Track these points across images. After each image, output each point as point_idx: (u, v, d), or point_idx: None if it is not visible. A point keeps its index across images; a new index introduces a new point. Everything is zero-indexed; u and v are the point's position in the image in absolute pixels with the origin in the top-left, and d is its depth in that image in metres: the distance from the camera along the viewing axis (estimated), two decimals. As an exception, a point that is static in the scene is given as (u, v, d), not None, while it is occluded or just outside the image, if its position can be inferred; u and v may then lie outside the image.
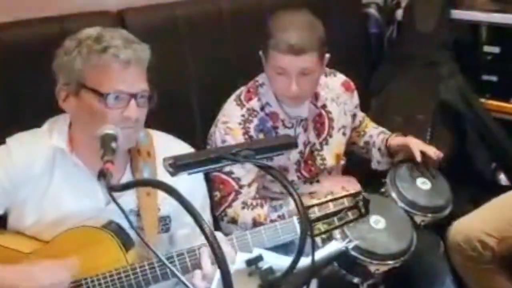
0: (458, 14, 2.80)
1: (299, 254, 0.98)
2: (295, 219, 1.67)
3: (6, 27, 2.07)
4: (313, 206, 1.69)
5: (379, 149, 2.23)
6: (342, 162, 2.21)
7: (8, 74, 2.01)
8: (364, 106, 2.67)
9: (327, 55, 1.98)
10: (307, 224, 0.99)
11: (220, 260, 0.82)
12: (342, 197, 1.70)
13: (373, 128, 2.33)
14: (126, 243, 1.62)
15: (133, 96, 1.56)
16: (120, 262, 1.58)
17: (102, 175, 1.26)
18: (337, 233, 1.79)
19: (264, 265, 1.03)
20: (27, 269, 1.51)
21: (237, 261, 1.04)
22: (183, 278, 0.96)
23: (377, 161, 2.24)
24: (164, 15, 2.36)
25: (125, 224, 1.62)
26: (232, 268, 1.02)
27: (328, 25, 2.60)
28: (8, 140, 1.66)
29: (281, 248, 1.63)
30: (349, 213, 1.69)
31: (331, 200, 1.69)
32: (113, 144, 1.41)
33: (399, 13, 2.91)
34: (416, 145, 2.12)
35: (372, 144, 2.27)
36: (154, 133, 1.81)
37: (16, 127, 1.73)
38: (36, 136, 1.67)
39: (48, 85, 1.87)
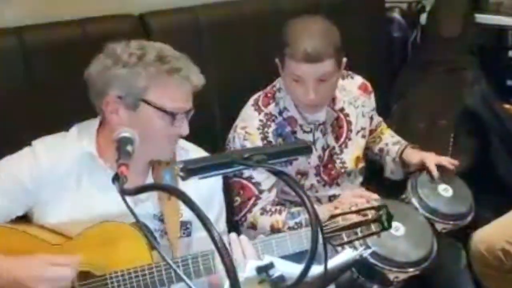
0: (483, 18, 2.77)
1: (310, 262, 0.97)
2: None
3: (29, 30, 2.09)
4: (337, 215, 1.67)
5: (393, 160, 2.22)
6: (362, 164, 2.19)
7: (30, 77, 2.02)
8: (386, 111, 2.67)
9: (344, 60, 1.97)
10: (318, 232, 0.97)
11: (228, 268, 0.81)
12: (366, 209, 1.68)
13: (389, 136, 2.31)
14: (151, 242, 1.62)
15: (187, 112, 1.64)
16: (145, 260, 1.59)
17: (116, 178, 1.25)
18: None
19: (275, 273, 1.02)
20: (27, 260, 1.51)
21: (247, 269, 1.03)
22: (188, 281, 0.95)
23: (391, 171, 2.23)
24: (186, 18, 2.36)
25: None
26: (242, 276, 1.00)
27: (351, 29, 2.61)
28: (34, 142, 1.68)
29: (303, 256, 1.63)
30: (372, 226, 1.67)
31: (355, 212, 1.68)
32: (129, 148, 1.41)
33: (423, 17, 2.88)
34: (431, 161, 2.11)
35: (386, 153, 2.26)
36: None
37: (39, 129, 1.74)
38: (63, 139, 1.69)
39: (70, 88, 1.90)
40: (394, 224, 1.88)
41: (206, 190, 1.73)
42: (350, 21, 2.63)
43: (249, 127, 1.99)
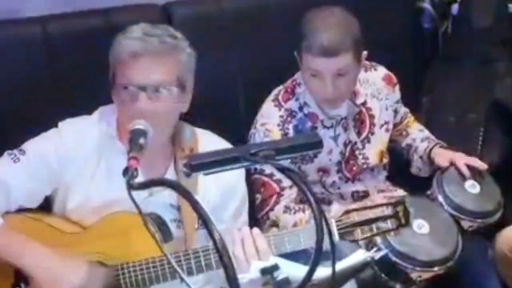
0: (517, 8, 2.67)
1: (315, 264, 0.93)
2: (333, 221, 1.62)
3: (53, 20, 2.09)
4: (352, 211, 1.63)
5: (421, 158, 2.15)
6: (386, 159, 2.13)
7: (55, 67, 2.03)
8: (416, 105, 2.60)
9: (365, 53, 1.91)
10: (323, 233, 0.93)
11: (228, 269, 0.78)
12: (382, 205, 1.64)
13: (417, 131, 2.24)
14: (166, 235, 1.62)
15: (142, 88, 1.57)
16: (158, 252, 1.56)
17: (125, 172, 1.23)
18: (378, 238, 1.74)
19: (280, 275, 0.99)
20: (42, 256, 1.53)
21: (251, 270, 1.00)
22: (184, 276, 0.93)
23: (418, 168, 2.16)
24: (211, 8, 2.34)
25: (166, 217, 1.65)
26: (246, 277, 0.97)
27: (380, 20, 2.56)
28: (60, 123, 1.71)
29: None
30: (389, 222, 1.62)
31: (371, 207, 1.63)
32: (141, 140, 1.40)
33: (455, 8, 2.78)
34: (462, 162, 2.03)
35: (414, 150, 2.19)
36: (199, 132, 1.81)
37: (62, 118, 1.74)
38: (87, 122, 1.71)
39: (94, 77, 1.90)
40: (418, 221, 1.85)
41: (228, 180, 1.71)
42: (378, 12, 2.57)
43: (269, 124, 1.96)
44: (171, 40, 1.62)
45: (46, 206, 1.72)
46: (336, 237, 1.60)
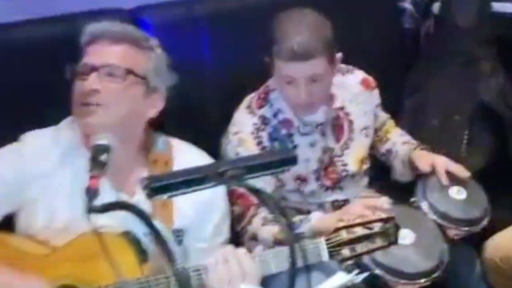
0: (501, 6, 2.59)
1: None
2: (323, 241, 1.54)
3: (13, 27, 1.99)
4: (341, 228, 1.55)
5: (402, 162, 2.06)
6: (366, 166, 2.05)
7: (19, 74, 1.92)
8: (398, 107, 2.52)
9: (339, 55, 1.82)
10: (295, 254, 0.85)
11: None
12: (372, 222, 1.57)
13: (397, 135, 2.15)
14: (142, 255, 1.53)
15: (95, 68, 1.52)
16: (134, 273, 1.49)
17: (86, 192, 1.14)
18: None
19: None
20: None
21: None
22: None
23: (399, 173, 2.07)
24: (181, 13, 2.24)
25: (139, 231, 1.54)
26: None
27: (360, 22, 2.49)
28: (21, 136, 1.63)
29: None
30: (378, 240, 1.55)
31: (360, 224, 1.56)
32: (103, 157, 1.32)
33: (436, 7, 2.70)
34: (443, 167, 1.94)
35: (394, 154, 2.10)
36: (174, 142, 1.74)
37: (30, 125, 1.67)
38: (50, 132, 1.63)
39: (60, 84, 1.81)
40: (403, 231, 1.75)
41: (207, 196, 1.58)
42: (358, 13, 2.50)
43: (242, 132, 1.87)
44: (138, 33, 1.60)
45: (6, 226, 1.62)
46: (325, 257, 1.53)
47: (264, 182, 1.84)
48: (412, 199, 1.93)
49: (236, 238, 1.89)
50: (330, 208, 1.99)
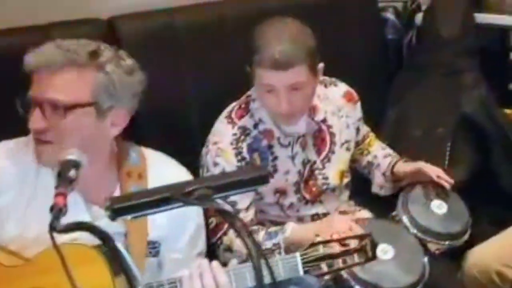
0: (484, 18, 2.59)
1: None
2: (298, 255, 1.50)
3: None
4: (318, 244, 1.52)
5: (384, 174, 2.03)
6: (347, 179, 2.02)
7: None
8: (381, 119, 2.50)
9: (321, 65, 1.79)
10: (261, 276, 0.81)
11: None
12: (348, 238, 1.54)
13: (379, 148, 2.12)
14: (116, 267, 1.45)
15: (37, 103, 1.45)
16: (106, 285, 1.44)
17: (51, 210, 1.11)
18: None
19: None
20: None
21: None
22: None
23: (379, 186, 2.04)
24: (161, 22, 2.21)
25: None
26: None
27: (342, 31, 2.46)
28: None
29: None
30: (355, 256, 1.52)
31: (337, 240, 1.53)
32: (72, 173, 1.26)
33: (419, 17, 2.69)
34: (430, 168, 1.92)
35: (375, 166, 2.07)
36: (149, 153, 1.69)
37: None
38: (21, 143, 1.57)
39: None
40: (382, 246, 1.73)
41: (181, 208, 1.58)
42: (339, 22, 2.48)
43: (222, 143, 1.83)
44: (82, 54, 1.48)
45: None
46: (300, 272, 1.50)
47: (241, 196, 1.81)
48: (393, 213, 1.90)
49: (212, 249, 1.86)
50: (309, 222, 1.95)
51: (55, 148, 1.45)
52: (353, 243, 1.52)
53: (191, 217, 1.65)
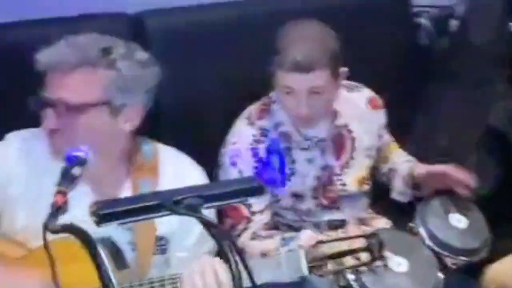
0: (519, 27, 2.51)
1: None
2: (301, 253, 1.48)
3: (18, 27, 1.97)
4: (322, 242, 1.50)
5: (403, 178, 1.98)
6: (367, 186, 1.98)
7: (14, 76, 1.89)
8: (407, 127, 2.45)
9: (344, 69, 1.77)
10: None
11: None
12: (355, 237, 1.51)
13: (399, 155, 2.08)
14: (118, 262, 1.48)
15: (51, 104, 1.47)
16: None
17: (51, 207, 1.12)
18: (350, 277, 1.61)
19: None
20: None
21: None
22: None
23: (399, 191, 1.99)
24: (187, 19, 2.20)
25: (120, 239, 1.52)
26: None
27: (373, 36, 2.42)
28: (7, 135, 1.60)
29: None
30: (362, 255, 1.49)
31: (342, 239, 1.50)
32: (75, 170, 1.24)
33: (454, 24, 2.63)
34: (454, 170, 1.86)
35: (395, 172, 2.03)
36: (162, 148, 1.69)
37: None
38: (35, 133, 1.58)
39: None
40: (396, 258, 1.69)
41: None
42: (371, 27, 2.43)
43: (240, 143, 1.82)
44: (95, 52, 1.49)
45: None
46: (304, 270, 1.47)
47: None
48: (410, 224, 1.86)
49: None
50: (326, 228, 1.93)
51: (68, 140, 1.46)
52: (359, 243, 1.49)
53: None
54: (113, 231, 1.50)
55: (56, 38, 1.91)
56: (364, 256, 1.49)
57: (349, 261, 1.47)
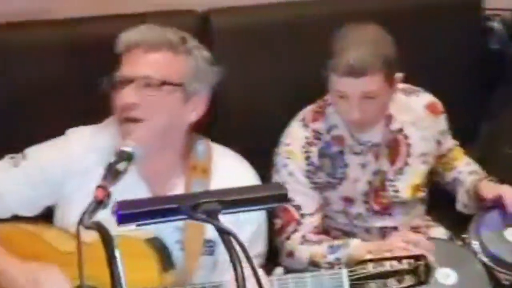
0: None
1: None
2: (344, 272, 1.48)
3: (84, 22, 2.05)
4: (367, 261, 1.50)
5: (467, 191, 1.93)
6: (422, 194, 1.95)
7: (88, 70, 1.96)
8: (475, 134, 2.39)
9: (399, 75, 1.74)
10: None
11: None
12: (402, 258, 1.49)
13: (464, 164, 2.03)
14: (166, 263, 1.53)
15: (131, 80, 1.51)
16: (153, 282, 1.49)
17: (91, 202, 1.15)
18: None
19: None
20: (34, 270, 1.46)
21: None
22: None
23: (463, 204, 1.95)
24: (253, 18, 2.22)
25: (169, 238, 1.56)
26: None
27: (440, 39, 2.36)
28: (67, 131, 1.65)
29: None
30: (407, 277, 1.47)
31: (389, 259, 1.49)
32: (121, 165, 1.27)
33: (528, 28, 2.54)
34: (510, 196, 1.81)
35: (460, 183, 1.98)
36: (216, 148, 1.71)
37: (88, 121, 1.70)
38: (94, 131, 1.65)
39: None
40: (444, 270, 1.68)
41: None
42: (439, 30, 2.38)
43: (292, 145, 1.83)
44: (174, 37, 1.56)
45: (49, 216, 1.67)
46: None
47: (310, 198, 1.82)
48: (464, 235, 1.82)
49: (274, 252, 1.87)
50: (377, 234, 1.92)
51: (143, 128, 1.51)
52: (406, 264, 1.47)
53: (250, 220, 1.65)
54: (163, 229, 1.54)
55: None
56: (409, 279, 1.48)
57: (392, 283, 1.46)
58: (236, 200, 0.96)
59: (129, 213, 0.91)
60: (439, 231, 2.01)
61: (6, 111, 1.96)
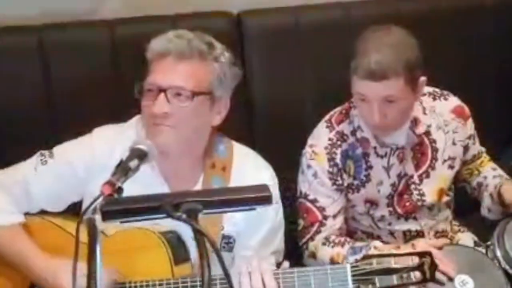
0: None
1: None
2: (348, 266, 1.50)
3: (121, 23, 2.11)
4: (372, 256, 1.50)
5: (491, 195, 1.90)
6: (447, 198, 1.93)
7: (119, 69, 2.04)
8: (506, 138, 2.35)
9: (423, 79, 1.72)
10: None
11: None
12: (407, 254, 1.49)
13: (489, 169, 1.99)
14: (180, 256, 1.57)
15: (162, 90, 1.53)
16: (164, 274, 1.54)
17: (102, 195, 1.17)
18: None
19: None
20: (55, 264, 1.52)
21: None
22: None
23: (488, 208, 1.92)
24: (286, 20, 2.24)
25: (186, 232, 1.58)
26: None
27: (477, 39, 2.31)
28: (94, 130, 1.70)
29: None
30: (412, 274, 1.46)
31: (393, 255, 1.49)
32: (133, 163, 1.30)
33: None
34: None
35: (484, 187, 1.95)
36: (237, 148, 1.74)
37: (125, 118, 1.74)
38: (120, 129, 1.69)
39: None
40: (462, 277, 1.66)
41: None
42: (478, 29, 2.34)
43: (317, 146, 1.84)
44: (202, 45, 1.58)
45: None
46: (349, 284, 1.48)
47: (333, 200, 1.84)
48: (488, 242, 1.80)
49: (299, 252, 1.90)
50: (401, 238, 1.91)
51: (171, 133, 1.55)
52: (411, 261, 1.46)
53: (267, 218, 1.68)
54: (181, 224, 1.59)
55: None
56: (414, 275, 1.47)
57: (397, 279, 1.45)
58: (217, 200, 0.99)
59: (112, 210, 0.95)
60: (466, 237, 1.99)
61: (48, 111, 2.04)
